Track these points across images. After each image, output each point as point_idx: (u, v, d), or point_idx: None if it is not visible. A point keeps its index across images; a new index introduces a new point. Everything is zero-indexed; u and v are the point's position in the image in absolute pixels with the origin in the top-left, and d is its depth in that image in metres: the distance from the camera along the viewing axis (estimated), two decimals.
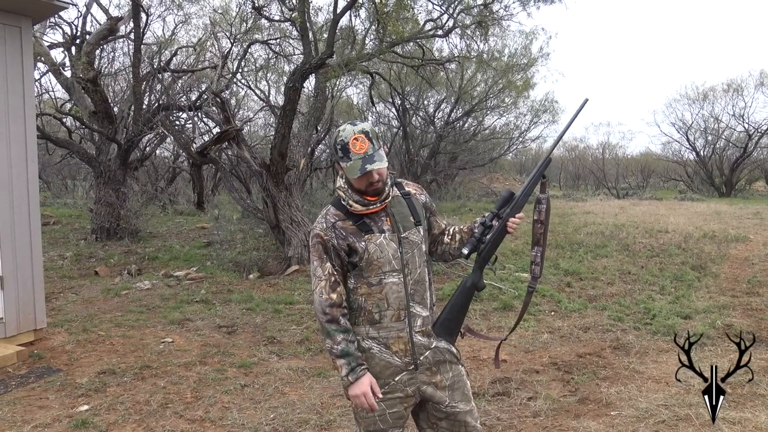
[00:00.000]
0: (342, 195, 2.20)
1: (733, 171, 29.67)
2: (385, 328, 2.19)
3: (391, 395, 2.21)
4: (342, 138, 2.10)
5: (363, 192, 2.17)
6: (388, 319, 2.18)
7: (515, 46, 17.32)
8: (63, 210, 16.76)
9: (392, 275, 2.17)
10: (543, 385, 4.38)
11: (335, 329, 2.13)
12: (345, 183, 2.21)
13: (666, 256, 9.53)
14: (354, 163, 2.08)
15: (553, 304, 6.78)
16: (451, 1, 9.62)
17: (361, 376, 2.12)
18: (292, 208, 8.93)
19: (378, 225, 2.19)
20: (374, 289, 2.17)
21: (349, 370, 2.12)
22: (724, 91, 29.36)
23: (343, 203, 2.20)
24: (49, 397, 4.11)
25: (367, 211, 2.17)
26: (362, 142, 2.09)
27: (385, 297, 2.17)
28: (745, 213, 16.81)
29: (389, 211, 2.23)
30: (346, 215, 2.19)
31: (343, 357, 2.13)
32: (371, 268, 2.16)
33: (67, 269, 8.78)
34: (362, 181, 2.13)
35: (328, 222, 2.19)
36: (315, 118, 10.92)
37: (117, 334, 5.56)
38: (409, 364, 2.21)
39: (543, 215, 2.26)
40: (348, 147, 2.09)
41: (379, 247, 2.16)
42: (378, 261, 2.16)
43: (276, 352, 5.15)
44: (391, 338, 2.19)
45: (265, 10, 10.50)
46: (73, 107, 13.29)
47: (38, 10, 5.29)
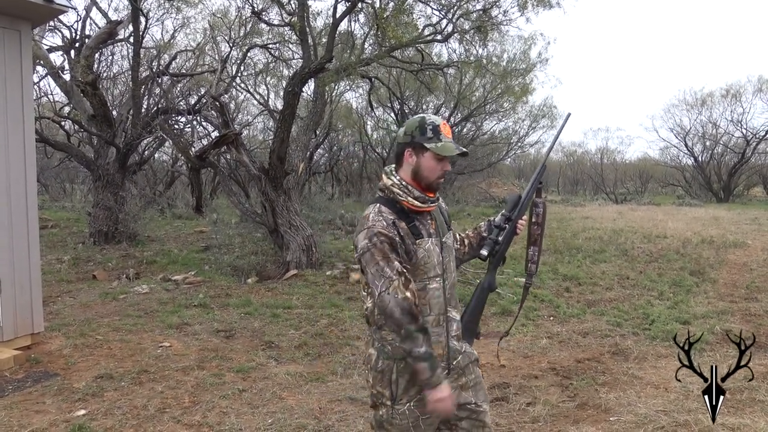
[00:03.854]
0: (398, 192, 2.15)
1: (731, 176, 29.72)
2: None
3: (425, 400, 2.15)
4: (432, 120, 2.16)
5: (428, 186, 2.17)
6: (430, 324, 2.15)
7: (514, 51, 17.40)
8: (61, 213, 16.73)
9: (434, 280, 2.18)
10: (542, 390, 4.37)
11: (416, 330, 2.03)
12: (399, 179, 2.18)
13: (664, 262, 9.53)
14: (447, 144, 2.13)
15: (551, 309, 6.77)
16: (450, 6, 9.63)
17: (444, 378, 2.08)
18: (290, 213, 8.92)
19: (426, 229, 2.18)
20: (419, 294, 2.13)
21: (432, 373, 2.04)
22: (723, 96, 29.44)
23: (400, 198, 2.15)
24: (46, 402, 4.09)
25: (425, 208, 2.16)
26: (449, 129, 2.18)
27: (428, 302, 2.16)
28: (743, 218, 16.83)
29: (434, 215, 2.24)
30: (398, 214, 2.14)
31: (426, 360, 2.04)
32: (417, 273, 2.14)
33: (64, 273, 8.75)
34: (438, 166, 2.15)
35: (387, 220, 2.11)
36: (314, 122, 10.94)
37: (114, 338, 5.54)
38: (444, 369, 2.17)
39: (540, 218, 2.44)
40: (439, 129, 2.14)
41: (427, 252, 2.15)
42: (425, 266, 2.15)
43: (274, 357, 5.14)
44: (432, 343, 2.13)
45: (264, 14, 10.51)
46: (72, 111, 13.30)
47: (37, 14, 5.28)
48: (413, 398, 2.14)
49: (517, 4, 9.51)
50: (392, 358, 2.15)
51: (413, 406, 2.14)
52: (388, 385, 2.15)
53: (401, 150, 2.20)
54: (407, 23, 9.43)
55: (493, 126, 23.18)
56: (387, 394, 2.16)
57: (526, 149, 28.33)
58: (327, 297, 7.27)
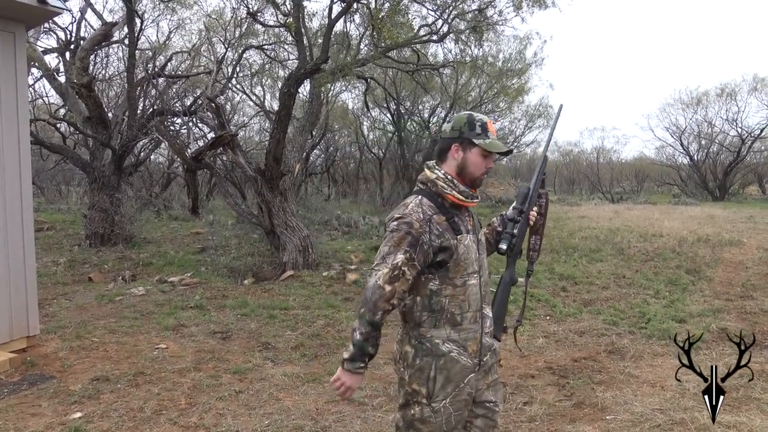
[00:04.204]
0: (443, 185, 2.18)
1: (727, 175, 29.80)
2: (464, 329, 2.20)
3: (460, 397, 2.20)
4: (481, 117, 2.22)
5: (472, 182, 2.21)
6: (468, 320, 2.20)
7: (510, 51, 17.41)
8: (57, 216, 16.68)
9: (473, 277, 2.21)
10: (538, 389, 4.38)
11: (368, 318, 2.08)
12: (444, 174, 2.21)
13: (660, 260, 9.55)
14: (495, 141, 2.20)
15: (548, 308, 6.78)
16: (446, 7, 9.63)
17: (358, 372, 2.12)
18: (287, 213, 8.91)
19: (465, 225, 2.21)
20: (458, 290, 2.17)
21: (351, 358, 2.10)
22: (718, 95, 29.53)
23: (445, 192, 2.18)
24: (42, 405, 4.08)
25: (468, 203, 2.21)
26: (494, 128, 2.23)
27: (467, 299, 2.19)
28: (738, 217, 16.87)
29: (472, 212, 2.30)
30: (439, 209, 2.16)
31: (355, 346, 2.10)
32: (458, 269, 2.16)
33: (60, 275, 8.73)
34: (484, 163, 2.21)
35: (425, 214, 2.12)
36: (310, 123, 10.92)
37: (111, 340, 5.53)
38: (476, 366, 2.24)
39: (543, 208, 2.54)
40: (487, 126, 2.21)
41: (467, 248, 2.18)
42: (465, 262, 2.17)
43: (271, 358, 5.13)
44: (469, 340, 2.21)
45: (259, 15, 10.49)
46: (67, 113, 13.28)
47: (32, 16, 5.27)
48: (449, 395, 2.17)
49: (513, 3, 9.51)
50: (431, 355, 2.17)
51: (448, 403, 2.17)
52: (425, 382, 2.16)
53: (447, 145, 2.23)
54: (403, 24, 9.43)
55: None
56: (423, 392, 2.17)
57: (522, 149, 28.34)
58: (324, 298, 7.27)
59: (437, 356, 2.16)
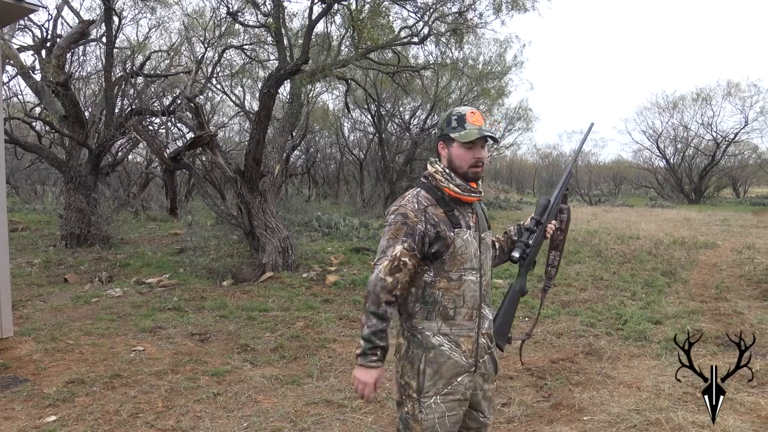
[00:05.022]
0: (440, 178, 2.19)
1: (702, 178, 30.33)
2: (457, 325, 2.17)
3: (452, 397, 2.17)
4: (458, 111, 2.19)
5: (465, 175, 2.18)
6: (462, 316, 2.17)
7: (490, 54, 17.53)
8: (32, 216, 16.42)
9: (471, 273, 2.18)
10: (517, 390, 4.41)
11: (372, 311, 2.11)
12: (442, 167, 2.21)
13: (637, 262, 9.68)
14: (470, 131, 2.14)
15: (527, 310, 6.83)
16: (426, 9, 9.67)
17: (372, 366, 2.12)
18: (266, 215, 8.87)
19: (465, 220, 2.19)
20: (453, 284, 2.16)
21: (362, 354, 2.12)
22: (694, 100, 30.08)
23: (442, 185, 2.18)
24: (15, 408, 4.01)
25: (465, 196, 2.18)
26: (478, 117, 2.18)
27: (462, 294, 2.17)
28: (713, 220, 17.17)
29: (475, 209, 2.26)
30: (438, 201, 2.18)
31: (365, 341, 2.12)
32: (454, 263, 2.15)
33: (35, 276, 8.59)
34: (469, 154, 2.17)
35: (420, 204, 2.16)
36: (290, 123, 10.89)
37: (86, 342, 5.46)
38: (471, 366, 2.20)
39: (564, 224, 2.52)
40: (465, 118, 2.17)
41: (465, 242, 2.16)
42: (462, 256, 2.16)
43: (249, 360, 5.10)
44: (462, 336, 2.18)
45: (239, 15, 10.43)
46: (43, 111, 13.04)
47: (7, 13, 5.19)
48: (440, 392, 2.15)
49: (492, 7, 9.59)
50: (421, 347, 2.17)
51: (440, 400, 2.15)
52: (416, 375, 2.16)
53: (436, 144, 2.28)
54: (383, 25, 9.44)
55: None
56: (414, 385, 2.17)
57: (501, 151, 28.56)
58: (303, 299, 7.24)
59: (427, 348, 2.16)
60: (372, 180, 21.06)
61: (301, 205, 16.00)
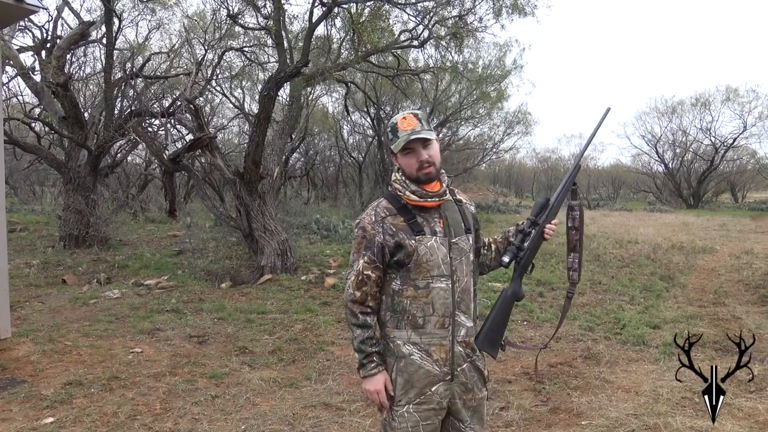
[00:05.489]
0: (398, 187, 2.16)
1: (701, 183, 30.36)
2: (428, 334, 2.11)
3: (427, 406, 2.13)
4: (392, 121, 2.16)
5: (417, 180, 2.14)
6: (432, 325, 2.11)
7: (489, 57, 17.55)
8: (30, 217, 16.40)
9: (440, 280, 2.11)
10: (515, 395, 4.41)
11: (353, 323, 2.14)
12: (401, 175, 2.18)
13: (636, 267, 9.69)
14: (400, 138, 2.10)
15: (525, 313, 6.83)
16: (426, 13, 9.69)
17: (373, 373, 2.12)
18: (265, 217, 8.87)
19: (431, 226, 2.13)
20: (420, 292, 2.10)
21: (360, 366, 2.14)
22: (692, 105, 30.13)
23: (399, 194, 2.15)
24: (12, 410, 4.00)
25: (422, 203, 2.12)
26: (410, 121, 2.13)
27: (431, 302, 2.11)
28: (711, 224, 17.18)
29: (443, 213, 2.18)
30: (399, 210, 2.14)
31: (357, 352, 2.14)
32: (419, 271, 2.10)
33: (33, 277, 8.58)
34: (411, 160, 2.12)
35: (378, 215, 2.14)
36: (290, 126, 10.90)
37: (84, 344, 5.45)
38: (446, 375, 2.14)
39: (577, 222, 2.31)
40: (396, 127, 2.12)
41: (429, 249, 2.10)
42: (427, 264, 2.10)
43: (248, 363, 5.10)
44: (433, 345, 2.12)
45: (240, 17, 10.45)
46: (43, 112, 13.06)
47: (8, 14, 5.19)
48: (412, 401, 2.13)
49: (492, 11, 9.61)
50: (393, 356, 2.16)
51: (412, 409, 2.12)
52: (390, 383, 2.15)
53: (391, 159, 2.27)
54: (383, 29, 9.46)
55: (469, 131, 23.36)
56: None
57: (501, 155, 28.58)
58: (302, 302, 7.24)
59: (398, 357, 2.14)
60: (371, 183, 21.05)
61: (300, 208, 15.99)
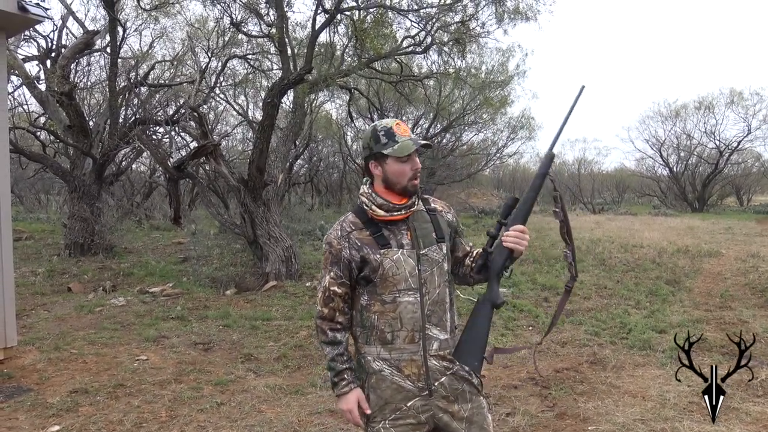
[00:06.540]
0: (365, 200, 2.09)
1: (705, 187, 30.26)
2: (397, 349, 2.04)
3: (402, 421, 2.06)
4: (384, 125, 2.07)
5: (404, 189, 2.06)
6: (401, 340, 2.04)
7: (492, 63, 17.58)
8: (36, 225, 16.47)
9: (408, 294, 2.04)
10: (521, 400, 4.39)
11: (323, 340, 2.11)
12: (369, 187, 2.11)
13: (641, 271, 9.65)
14: (405, 143, 2.02)
15: (530, 318, 6.81)
16: (429, 19, 9.71)
17: (345, 392, 2.06)
18: (270, 224, 8.88)
19: (397, 239, 2.06)
20: (388, 307, 2.04)
21: (332, 384, 2.10)
22: (696, 108, 30.04)
23: (366, 207, 2.09)
24: (18, 418, 4.01)
25: (389, 217, 2.05)
26: (405, 127, 2.08)
27: (398, 316, 2.03)
28: (717, 228, 17.12)
29: (411, 224, 2.10)
30: (365, 224, 2.08)
31: (329, 370, 2.12)
32: (386, 285, 2.04)
33: (39, 286, 8.60)
34: (405, 169, 2.04)
35: (343, 230, 2.09)
36: (293, 133, 10.91)
37: (90, 352, 5.46)
38: (423, 389, 2.05)
39: (560, 215, 2.15)
40: (393, 131, 2.05)
41: (395, 263, 2.03)
42: (393, 278, 2.03)
43: (253, 370, 5.09)
44: (403, 361, 2.05)
45: (243, 25, 10.50)
46: (48, 121, 13.12)
47: (12, 24, 5.22)
48: (387, 417, 2.06)
49: (495, 16, 9.63)
50: (365, 372, 2.10)
51: (389, 425, 2.06)
52: (365, 399, 2.09)
53: (366, 165, 2.15)
54: (386, 35, 9.49)
55: (472, 137, 23.38)
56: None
57: (504, 160, 28.56)
58: (307, 308, 7.24)
59: (369, 373, 2.09)
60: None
61: (304, 214, 16.03)
